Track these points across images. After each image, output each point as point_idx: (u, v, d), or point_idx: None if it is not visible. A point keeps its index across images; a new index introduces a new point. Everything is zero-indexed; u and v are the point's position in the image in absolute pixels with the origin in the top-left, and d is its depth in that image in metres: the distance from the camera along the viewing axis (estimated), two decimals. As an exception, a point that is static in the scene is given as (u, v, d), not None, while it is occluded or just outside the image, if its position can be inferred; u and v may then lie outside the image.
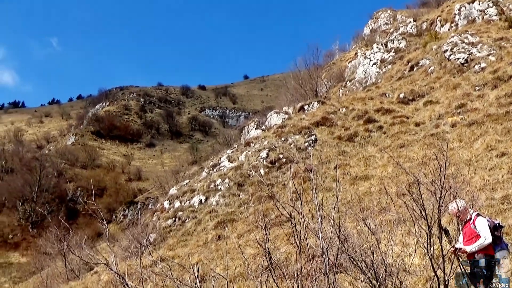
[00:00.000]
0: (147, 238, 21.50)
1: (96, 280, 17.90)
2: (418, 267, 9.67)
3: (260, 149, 25.72)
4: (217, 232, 19.82)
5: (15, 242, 62.73)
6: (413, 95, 27.27)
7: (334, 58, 52.96)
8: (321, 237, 5.50)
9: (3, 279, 53.90)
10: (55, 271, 27.10)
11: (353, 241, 6.69)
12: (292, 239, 14.29)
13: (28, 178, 70.67)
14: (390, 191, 13.17)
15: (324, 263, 5.45)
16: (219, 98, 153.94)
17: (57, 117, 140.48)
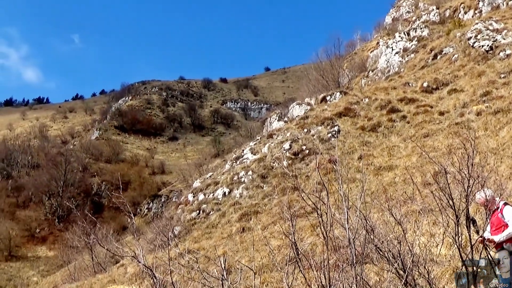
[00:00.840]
0: (172, 231, 21.63)
1: (122, 273, 18.07)
2: (445, 257, 9.57)
3: (283, 140, 25.66)
4: (241, 224, 19.86)
5: (42, 236, 63.56)
6: (437, 84, 26.91)
7: (356, 48, 52.52)
8: (347, 227, 5.46)
9: (31, 273, 54.71)
10: (82, 264, 27.43)
11: (379, 231, 6.62)
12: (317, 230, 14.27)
13: (54, 173, 71.51)
14: (415, 181, 13.05)
15: (350, 254, 5.41)
16: (240, 91, 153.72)
17: (81, 112, 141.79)
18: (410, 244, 6.67)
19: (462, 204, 6.49)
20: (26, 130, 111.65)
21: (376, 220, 8.07)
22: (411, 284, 6.15)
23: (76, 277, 24.76)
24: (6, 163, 79.21)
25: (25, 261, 58.42)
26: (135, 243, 19.66)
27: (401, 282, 5.95)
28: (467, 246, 6.71)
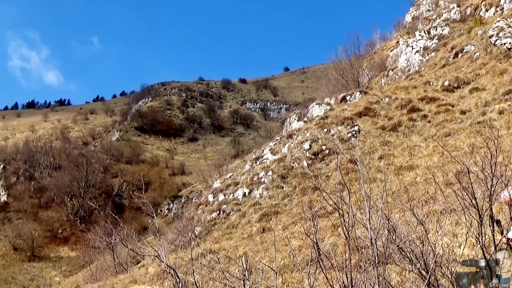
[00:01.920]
0: (192, 231, 21.71)
1: (143, 273, 18.17)
2: (468, 257, 9.48)
3: (303, 140, 25.62)
4: (261, 224, 19.86)
5: (64, 236, 64.21)
6: (458, 83, 26.64)
7: (375, 47, 52.23)
8: (369, 227, 5.43)
9: (54, 273, 55.31)
10: (104, 265, 27.66)
11: (401, 231, 6.58)
12: (338, 231, 14.23)
13: (76, 174, 72.21)
14: (437, 181, 12.93)
15: (372, 254, 5.38)
16: (260, 91, 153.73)
17: (102, 113, 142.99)
18: (433, 244, 6.62)
19: (486, 204, 6.42)
20: (48, 132, 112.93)
21: (398, 220, 8.02)
22: (434, 285, 6.10)
23: (98, 277, 24.96)
24: (29, 164, 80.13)
25: (47, 262, 59.09)
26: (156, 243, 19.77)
27: (424, 283, 5.90)
28: (491, 246, 6.64)
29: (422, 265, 6.16)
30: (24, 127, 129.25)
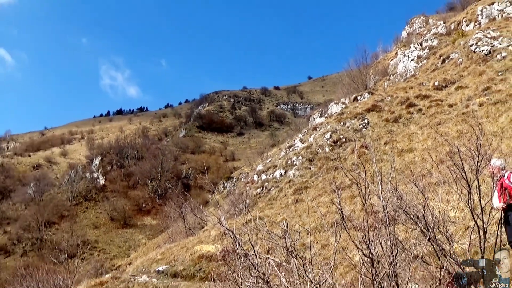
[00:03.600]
0: (242, 203, 21.83)
1: (207, 236, 18.37)
2: (459, 218, 9.25)
3: (325, 132, 25.42)
4: (295, 196, 19.83)
5: (147, 209, 65.52)
6: (446, 83, 25.96)
7: (379, 57, 51.20)
8: (381, 196, 5.32)
9: (141, 236, 56.57)
10: (177, 229, 28.10)
11: (406, 199, 6.43)
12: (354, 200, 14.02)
13: (154, 162, 73.53)
14: (432, 160, 12.65)
15: (384, 217, 5.28)
16: (290, 95, 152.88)
17: (171, 117, 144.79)
18: (431, 208, 6.47)
19: (473, 176, 6.25)
20: (132, 132, 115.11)
21: (403, 190, 7.85)
22: (433, 240, 5.96)
23: (173, 239, 25.37)
24: (119, 156, 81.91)
25: (135, 228, 60.45)
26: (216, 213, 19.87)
27: (425, 238, 5.77)
28: (477, 208, 6.45)
29: (423, 224, 6.03)
30: (115, 128, 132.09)
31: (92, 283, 13.32)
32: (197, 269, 14.01)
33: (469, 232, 7.62)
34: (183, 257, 15.40)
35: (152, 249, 27.14)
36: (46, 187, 70.64)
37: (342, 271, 8.78)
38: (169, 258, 16.22)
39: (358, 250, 5.00)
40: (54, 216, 60.95)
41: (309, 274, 4.76)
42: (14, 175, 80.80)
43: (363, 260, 5.04)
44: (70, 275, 13.14)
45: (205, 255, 14.65)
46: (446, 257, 5.84)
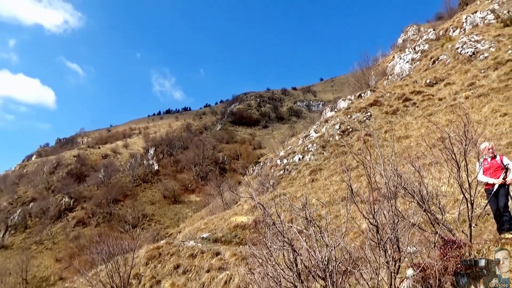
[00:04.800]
0: (268, 182, 21.83)
1: (240, 209, 18.50)
2: (449, 192, 9.01)
3: (335, 123, 25.07)
4: (311, 177, 19.68)
5: (192, 189, 66.32)
6: (436, 80, 25.16)
7: (379, 61, 49.95)
8: (384, 175, 5.21)
9: (187, 210, 57.36)
10: (216, 204, 28.36)
11: (405, 177, 6.29)
12: (360, 179, 13.78)
13: (196, 151, 74.25)
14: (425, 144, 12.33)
15: (386, 192, 5.17)
16: (305, 94, 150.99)
17: (209, 114, 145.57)
18: (426, 185, 6.31)
19: (461, 157, 6.05)
20: (179, 127, 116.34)
21: (402, 169, 7.69)
22: (428, 210, 5.82)
23: (213, 212, 25.66)
24: (169, 146, 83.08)
25: (183, 204, 61.33)
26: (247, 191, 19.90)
27: (421, 209, 5.64)
28: (465, 184, 6.26)
29: (419, 198, 5.89)
30: (165, 125, 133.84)
31: (151, 247, 13.59)
32: (233, 236, 14.11)
33: (458, 204, 7.42)
34: (221, 226, 15.54)
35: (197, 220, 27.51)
36: (113, 172, 72.34)
37: (352, 237, 8.69)
38: (211, 227, 16.40)
39: (365, 219, 4.93)
40: (120, 195, 62.43)
41: (325, 239, 4.73)
42: (88, 163, 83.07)
43: (369, 227, 4.97)
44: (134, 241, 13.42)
45: (239, 225, 14.75)
46: (439, 224, 5.71)
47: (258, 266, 5.03)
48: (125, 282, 11.17)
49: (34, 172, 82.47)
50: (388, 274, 4.62)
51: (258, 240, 5.55)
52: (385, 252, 4.63)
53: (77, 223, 56.81)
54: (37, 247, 52.57)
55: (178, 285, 10.55)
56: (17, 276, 41.76)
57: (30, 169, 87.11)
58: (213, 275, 10.52)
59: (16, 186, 79.44)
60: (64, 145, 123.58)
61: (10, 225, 58.65)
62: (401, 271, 5.15)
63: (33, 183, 76.81)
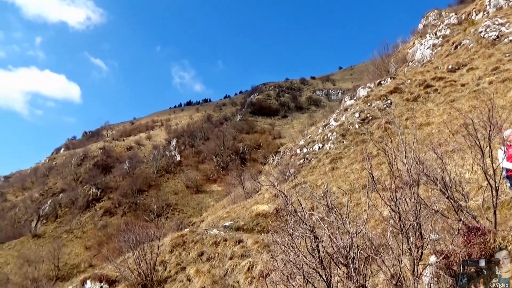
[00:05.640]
0: (288, 171, 21.81)
1: (261, 198, 18.58)
2: (472, 179, 8.78)
3: (354, 112, 24.73)
4: (331, 165, 19.55)
5: (214, 178, 66.95)
6: (458, 65, 24.38)
7: (399, 48, 48.73)
8: (405, 162, 5.13)
9: (209, 200, 58.01)
10: (237, 194, 28.57)
11: (427, 164, 6.17)
12: (380, 167, 13.59)
13: (217, 142, 74.71)
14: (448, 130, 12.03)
15: (408, 179, 5.10)
16: (324, 83, 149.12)
17: (229, 105, 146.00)
18: (448, 171, 6.18)
19: (485, 143, 5.89)
20: (199, 118, 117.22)
21: (423, 157, 7.55)
22: (451, 197, 5.71)
23: (235, 201, 25.86)
24: (190, 138, 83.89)
25: (205, 193, 62.06)
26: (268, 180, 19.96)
27: (444, 196, 5.53)
28: (489, 170, 6.09)
29: (442, 185, 5.77)
30: (186, 116, 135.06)
31: (175, 235, 13.85)
32: (255, 224, 14.22)
33: (482, 191, 7.24)
34: (243, 215, 15.68)
35: (219, 209, 27.81)
36: (137, 163, 73.74)
37: (373, 224, 8.63)
38: (233, 216, 16.56)
39: (387, 206, 4.87)
40: (144, 186, 63.68)
41: (346, 226, 4.72)
42: (113, 155, 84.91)
43: (391, 214, 4.92)
44: (159, 229, 13.72)
45: (261, 213, 14.84)
46: (463, 211, 5.59)
47: (280, 253, 5.07)
48: (151, 269, 11.46)
49: (63, 164, 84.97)
50: (411, 261, 4.58)
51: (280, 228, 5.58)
52: (408, 239, 4.59)
53: (105, 212, 58.39)
54: (67, 235, 54.42)
55: (202, 271, 10.75)
56: (50, 263, 43.44)
57: (59, 162, 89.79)
58: (236, 262, 10.66)
59: (46, 178, 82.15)
60: (90, 137, 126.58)
61: (41, 215, 60.83)
62: (424, 258, 5.09)
63: (62, 174, 79.22)
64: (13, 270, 43.67)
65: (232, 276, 10.19)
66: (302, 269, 4.29)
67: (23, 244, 53.07)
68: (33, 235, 55.57)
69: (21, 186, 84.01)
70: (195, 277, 10.69)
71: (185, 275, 11.10)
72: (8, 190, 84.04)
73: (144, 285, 11.15)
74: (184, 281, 10.82)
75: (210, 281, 10.07)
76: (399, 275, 4.41)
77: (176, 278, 11.18)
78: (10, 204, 73.23)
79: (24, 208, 66.21)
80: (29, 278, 35.24)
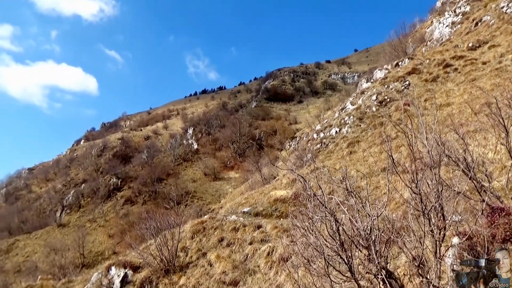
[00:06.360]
0: (305, 156, 21.75)
1: (279, 184, 18.61)
2: (495, 159, 8.57)
3: (371, 94, 24.34)
4: (349, 149, 19.38)
5: (231, 165, 67.40)
6: (479, 43, 23.59)
7: (416, 27, 47.43)
8: (426, 143, 5.04)
9: (227, 186, 58.54)
10: (255, 180, 28.71)
11: (448, 145, 6.04)
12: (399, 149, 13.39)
13: (233, 129, 74.92)
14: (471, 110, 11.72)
15: (429, 160, 5.01)
16: (339, 67, 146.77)
17: (244, 92, 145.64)
18: (471, 152, 6.04)
19: (510, 122, 5.71)
20: (215, 106, 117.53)
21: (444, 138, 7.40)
22: (473, 178, 5.59)
23: (252, 187, 26.01)
24: (207, 126, 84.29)
25: (223, 180, 62.60)
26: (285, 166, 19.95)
27: (467, 177, 5.42)
28: None
29: (464, 165, 5.65)
30: (201, 105, 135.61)
31: (195, 222, 14.06)
32: (274, 209, 14.30)
33: (506, 170, 7.07)
34: (262, 200, 15.77)
35: (237, 196, 28.03)
36: (155, 152, 74.77)
37: (393, 207, 8.56)
38: (251, 202, 16.68)
39: (407, 188, 4.81)
40: (163, 174, 64.64)
41: (366, 209, 4.69)
42: (131, 145, 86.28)
43: (412, 196, 4.85)
44: (179, 216, 13.93)
45: (279, 198, 14.89)
46: (486, 192, 5.48)
47: (300, 237, 5.09)
48: (173, 255, 11.70)
49: (83, 155, 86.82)
50: (433, 242, 4.53)
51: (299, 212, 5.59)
52: (429, 221, 4.53)
53: (126, 201, 59.67)
54: (91, 224, 55.94)
55: (223, 257, 10.91)
56: (75, 251, 44.86)
57: (80, 153, 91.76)
58: (256, 247, 10.78)
59: (68, 169, 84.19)
60: (109, 128, 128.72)
61: (65, 205, 62.60)
62: (446, 239, 5.02)
63: (83, 165, 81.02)
64: (41, 258, 45.32)
65: (252, 261, 10.31)
66: (323, 252, 4.30)
67: (49, 233, 54.89)
68: (58, 224, 57.36)
69: (45, 177, 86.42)
70: (216, 262, 10.86)
71: (206, 260, 11.29)
72: (33, 181, 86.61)
73: (166, 271, 11.41)
74: (205, 266, 11.02)
75: (231, 266, 10.22)
76: (421, 257, 4.38)
77: (197, 263, 11.39)
78: (35, 195, 75.58)
79: (48, 199, 68.25)
80: (56, 266, 36.53)
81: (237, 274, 9.76)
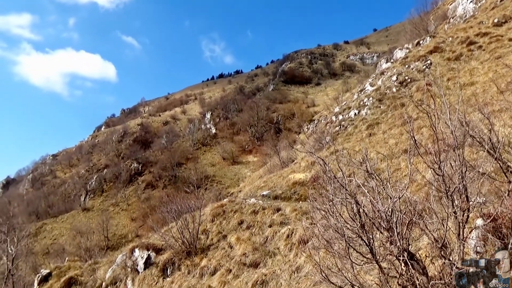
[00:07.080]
0: (324, 139, 21.59)
1: (297, 167, 18.60)
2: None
3: (391, 75, 23.78)
4: (368, 131, 19.13)
5: (249, 149, 67.58)
6: (505, 18, 22.58)
7: (438, 4, 45.83)
8: (450, 123, 4.91)
9: (246, 170, 58.86)
10: (273, 163, 28.77)
11: (472, 125, 5.88)
12: (420, 131, 13.14)
13: (251, 113, 74.79)
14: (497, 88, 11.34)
15: (453, 141, 4.89)
16: (358, 47, 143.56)
17: (261, 75, 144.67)
18: (496, 132, 5.87)
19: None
20: (232, 90, 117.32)
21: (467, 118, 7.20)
22: (499, 159, 5.44)
23: (271, 171, 26.10)
24: (224, 110, 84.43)
25: (241, 164, 62.95)
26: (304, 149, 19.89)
27: (492, 157, 5.28)
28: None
29: (489, 146, 5.50)
30: (219, 89, 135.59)
31: (215, 206, 14.26)
32: (292, 193, 14.33)
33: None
34: (280, 183, 15.82)
35: (256, 179, 28.20)
36: (174, 137, 75.64)
37: (414, 189, 8.45)
38: (270, 185, 16.75)
39: (430, 169, 4.73)
40: (182, 159, 65.47)
41: (387, 191, 4.64)
42: (151, 130, 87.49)
43: (435, 178, 4.77)
44: (199, 200, 14.16)
45: (297, 182, 14.90)
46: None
47: (320, 219, 5.09)
48: (194, 237, 11.94)
49: (105, 141, 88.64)
50: (456, 224, 4.46)
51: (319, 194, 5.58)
52: (453, 202, 4.45)
53: (147, 186, 60.91)
54: (114, 208, 57.48)
55: (243, 239, 11.06)
56: (100, 234, 46.32)
57: (101, 139, 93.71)
58: (276, 230, 10.87)
59: (90, 155, 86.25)
60: (128, 114, 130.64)
61: (89, 190, 64.39)
62: (470, 221, 4.94)
63: (105, 151, 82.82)
64: (67, 241, 47.05)
65: (272, 243, 10.42)
66: (344, 234, 4.30)
67: (74, 217, 56.75)
68: (83, 208, 59.18)
69: (68, 163, 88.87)
70: (236, 244, 11.03)
71: (226, 243, 11.48)
72: (57, 167, 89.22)
73: (188, 253, 11.66)
74: (226, 248, 11.21)
75: (251, 248, 10.36)
76: (443, 239, 4.33)
77: (218, 245, 11.60)
78: (59, 181, 77.96)
79: (72, 184, 70.32)
80: (82, 248, 37.85)
81: (257, 255, 9.90)
